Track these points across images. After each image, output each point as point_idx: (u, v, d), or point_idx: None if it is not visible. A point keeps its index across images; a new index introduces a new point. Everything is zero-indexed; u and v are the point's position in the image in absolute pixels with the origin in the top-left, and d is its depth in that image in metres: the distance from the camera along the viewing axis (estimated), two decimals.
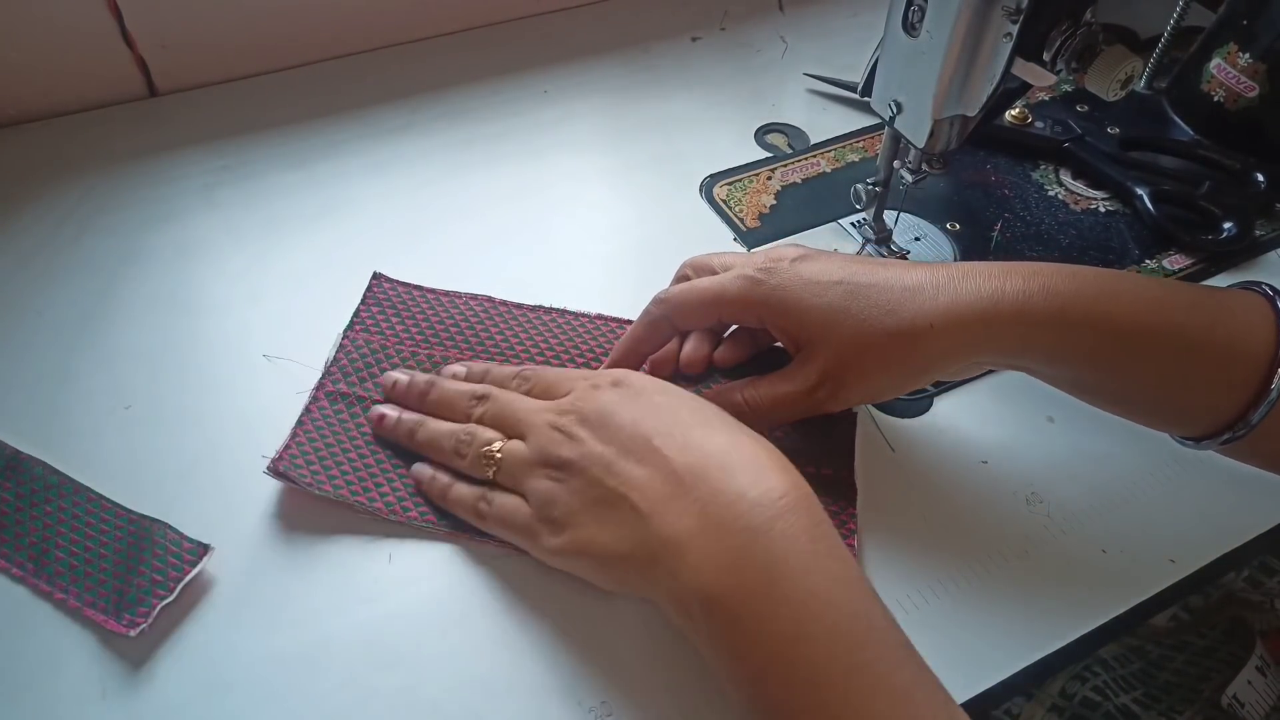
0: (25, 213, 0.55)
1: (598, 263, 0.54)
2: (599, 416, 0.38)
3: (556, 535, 0.37)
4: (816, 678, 0.30)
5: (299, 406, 0.45)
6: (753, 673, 0.32)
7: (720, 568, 0.33)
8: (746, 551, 0.32)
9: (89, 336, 0.49)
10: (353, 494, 0.42)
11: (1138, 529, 0.43)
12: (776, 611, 0.31)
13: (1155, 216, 0.56)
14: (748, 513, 0.33)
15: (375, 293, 0.51)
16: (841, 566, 0.33)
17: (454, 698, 0.37)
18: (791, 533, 0.33)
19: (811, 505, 0.34)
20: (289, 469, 0.42)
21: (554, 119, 0.64)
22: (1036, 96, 0.66)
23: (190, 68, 0.64)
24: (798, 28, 0.73)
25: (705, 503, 0.34)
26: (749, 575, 0.32)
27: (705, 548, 0.33)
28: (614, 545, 0.36)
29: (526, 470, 0.39)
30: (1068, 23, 0.41)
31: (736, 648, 0.32)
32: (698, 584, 0.33)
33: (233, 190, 0.58)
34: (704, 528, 0.33)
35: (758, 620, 0.32)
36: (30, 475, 0.42)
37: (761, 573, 0.32)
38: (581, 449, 0.37)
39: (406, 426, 0.43)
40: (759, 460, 0.35)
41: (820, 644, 0.31)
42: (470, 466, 0.41)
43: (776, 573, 0.32)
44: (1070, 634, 0.39)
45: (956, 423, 0.47)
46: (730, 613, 0.32)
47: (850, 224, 0.57)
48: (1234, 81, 0.60)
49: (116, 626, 0.37)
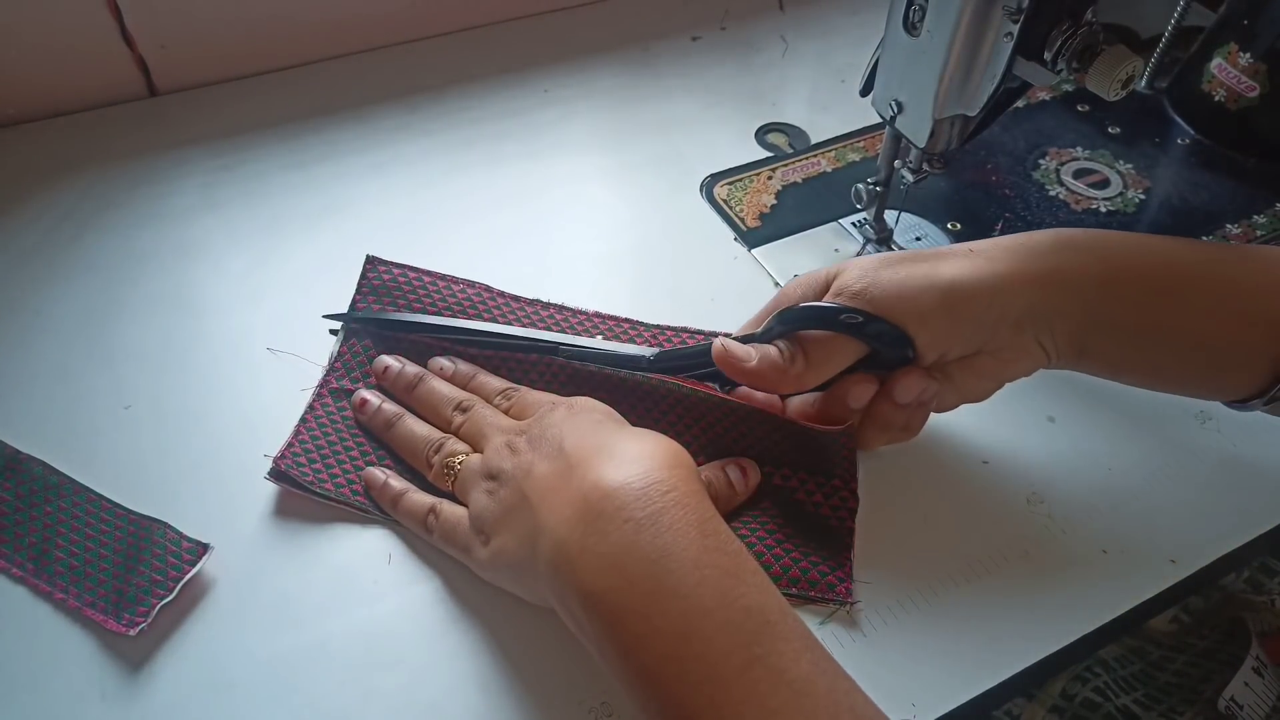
0: (25, 212, 0.55)
1: (598, 262, 0.54)
2: (541, 432, 0.38)
3: (484, 546, 0.37)
4: (712, 675, 0.29)
5: (300, 405, 0.45)
6: (645, 672, 0.31)
7: (603, 562, 0.32)
8: (631, 545, 0.31)
9: (89, 336, 0.49)
10: (354, 494, 0.42)
11: (1139, 529, 0.43)
12: (666, 607, 0.30)
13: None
14: (631, 504, 0.32)
15: (370, 278, 0.50)
16: (734, 561, 0.32)
17: (454, 698, 0.37)
18: (679, 526, 0.32)
19: (701, 499, 0.33)
20: (290, 468, 0.42)
21: (554, 119, 0.64)
22: (1037, 96, 0.66)
23: (190, 68, 0.64)
24: (798, 27, 0.73)
25: (586, 492, 0.33)
26: (634, 569, 0.31)
27: (585, 540, 0.32)
28: (517, 548, 0.35)
29: (474, 483, 0.39)
30: (1068, 22, 0.41)
31: (624, 646, 0.31)
32: (578, 580, 0.32)
33: (232, 190, 0.58)
34: (584, 518, 0.32)
35: (645, 618, 0.31)
36: (30, 475, 0.42)
37: (647, 567, 0.31)
38: (515, 459, 0.37)
39: (385, 417, 0.44)
40: (651, 453, 0.34)
41: (713, 640, 0.30)
42: (435, 477, 0.41)
43: (664, 567, 0.31)
44: (1071, 634, 0.39)
45: (957, 423, 0.47)
46: (616, 609, 0.31)
47: (851, 224, 0.57)
48: (1234, 81, 0.60)
49: (116, 626, 0.37)
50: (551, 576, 0.33)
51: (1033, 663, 0.39)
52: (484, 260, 0.53)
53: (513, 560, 0.36)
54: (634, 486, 0.33)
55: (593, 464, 0.34)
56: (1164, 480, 0.45)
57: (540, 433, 0.38)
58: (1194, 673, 0.54)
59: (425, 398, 0.44)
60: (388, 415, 0.44)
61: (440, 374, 0.45)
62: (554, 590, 0.34)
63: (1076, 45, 0.41)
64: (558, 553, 0.33)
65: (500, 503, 0.37)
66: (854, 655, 0.38)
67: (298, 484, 0.42)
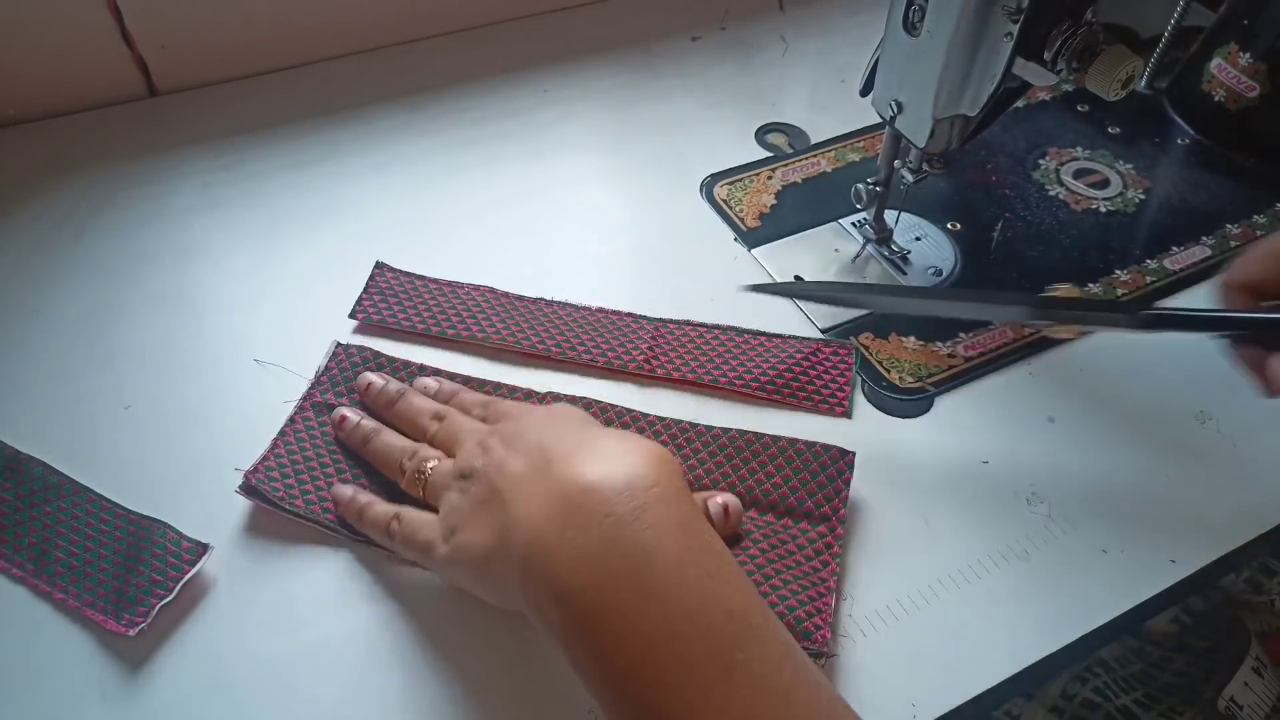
0: (25, 212, 0.55)
1: (598, 262, 0.54)
2: (515, 431, 0.37)
3: (446, 543, 0.36)
4: (691, 679, 0.29)
5: (286, 414, 0.45)
6: (619, 673, 0.30)
7: (581, 556, 0.31)
8: (612, 541, 0.30)
9: (88, 336, 0.49)
10: (324, 511, 0.41)
11: (1139, 529, 0.43)
12: (645, 607, 0.29)
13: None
14: (613, 499, 0.31)
15: (378, 281, 0.51)
16: (717, 562, 0.31)
17: (453, 699, 0.37)
18: (662, 524, 0.31)
19: (685, 498, 0.33)
20: (261, 483, 0.41)
21: (554, 119, 0.64)
22: (1037, 96, 0.66)
23: (190, 68, 0.64)
24: (798, 27, 0.73)
25: (565, 486, 0.32)
26: (614, 565, 0.30)
27: (564, 534, 0.31)
28: (482, 541, 0.34)
29: (446, 484, 0.38)
30: (1068, 22, 0.41)
31: (599, 645, 0.30)
32: (553, 575, 0.31)
33: (232, 190, 0.58)
34: (563, 511, 0.32)
35: (624, 617, 0.30)
36: (30, 475, 0.42)
37: (628, 564, 0.30)
38: (488, 457, 0.37)
39: (362, 432, 0.43)
40: (634, 449, 0.33)
41: (694, 643, 0.29)
42: (407, 483, 0.41)
43: (645, 565, 0.30)
44: (1071, 634, 0.39)
45: (957, 423, 0.47)
46: (592, 606, 0.30)
47: (851, 224, 0.57)
48: (1234, 81, 0.60)
49: (116, 626, 0.37)
50: (523, 570, 0.32)
51: (1033, 663, 0.39)
52: (484, 260, 0.54)
53: (478, 554, 0.35)
54: (617, 481, 0.32)
55: (573, 459, 0.33)
56: (1164, 480, 0.45)
57: (516, 431, 0.37)
58: (1194, 673, 0.54)
59: (404, 411, 0.43)
60: (365, 431, 0.43)
61: (424, 392, 0.45)
62: (524, 586, 0.32)
63: (1076, 45, 0.41)
64: (531, 546, 0.32)
65: (471, 498, 0.36)
66: (854, 655, 0.38)
67: (267, 499, 0.41)
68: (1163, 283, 0.54)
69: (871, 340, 0.50)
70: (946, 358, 0.50)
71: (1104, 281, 0.54)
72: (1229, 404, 0.47)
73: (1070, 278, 0.54)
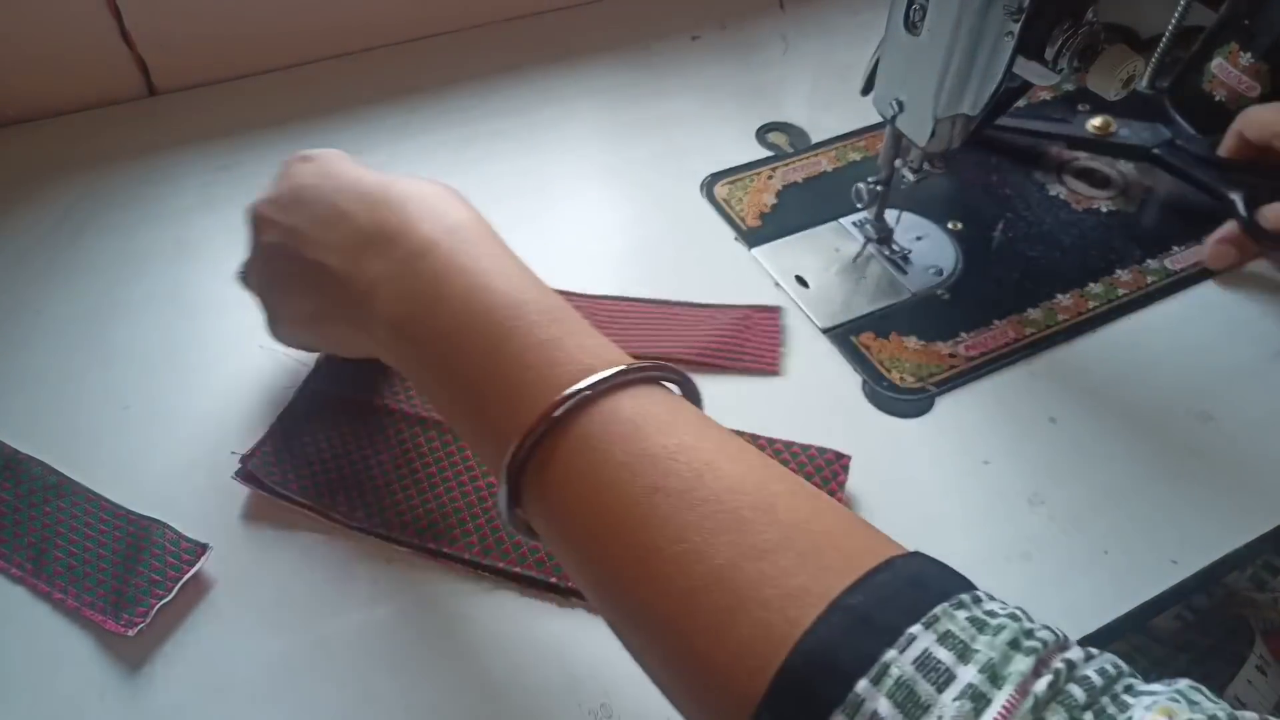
0: (24, 212, 0.55)
1: (598, 262, 0.54)
2: (292, 194, 0.39)
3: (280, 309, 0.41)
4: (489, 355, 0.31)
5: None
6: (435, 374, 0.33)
7: (402, 287, 0.34)
8: (420, 261, 0.34)
9: (88, 336, 0.49)
10: (319, 497, 0.41)
11: (1140, 529, 0.43)
12: (438, 309, 0.33)
13: (1251, 221, 0.53)
14: (422, 229, 0.35)
15: None
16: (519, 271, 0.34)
17: (453, 699, 0.37)
18: (467, 245, 0.34)
19: (495, 237, 0.36)
20: (257, 468, 0.42)
21: (554, 118, 0.64)
22: (1038, 96, 0.66)
23: (189, 67, 0.64)
24: (799, 26, 0.73)
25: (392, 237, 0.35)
26: (422, 284, 0.34)
27: (392, 278, 0.34)
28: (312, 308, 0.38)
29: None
30: (1069, 22, 0.41)
31: (419, 356, 0.34)
32: (388, 313, 0.34)
33: (232, 190, 0.57)
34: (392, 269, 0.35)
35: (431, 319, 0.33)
36: (29, 475, 0.42)
37: (431, 274, 0.33)
38: (279, 229, 0.39)
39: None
40: (444, 195, 0.37)
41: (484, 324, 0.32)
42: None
43: (445, 274, 0.33)
44: (1073, 635, 0.39)
45: (958, 423, 0.47)
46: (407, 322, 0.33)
47: (852, 223, 0.57)
48: (1235, 81, 0.59)
49: (115, 626, 0.37)
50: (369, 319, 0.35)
51: None
52: None
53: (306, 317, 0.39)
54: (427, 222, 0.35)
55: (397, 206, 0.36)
56: (1165, 480, 0.45)
57: (291, 196, 0.39)
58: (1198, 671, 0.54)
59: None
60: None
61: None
62: (371, 331, 0.35)
63: (1077, 45, 0.41)
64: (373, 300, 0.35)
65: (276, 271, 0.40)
66: None
67: (264, 486, 0.42)
68: (1164, 282, 0.54)
69: (872, 340, 0.50)
70: (948, 357, 0.50)
71: (1105, 281, 0.54)
72: (1231, 404, 0.47)
73: (1071, 277, 0.54)
